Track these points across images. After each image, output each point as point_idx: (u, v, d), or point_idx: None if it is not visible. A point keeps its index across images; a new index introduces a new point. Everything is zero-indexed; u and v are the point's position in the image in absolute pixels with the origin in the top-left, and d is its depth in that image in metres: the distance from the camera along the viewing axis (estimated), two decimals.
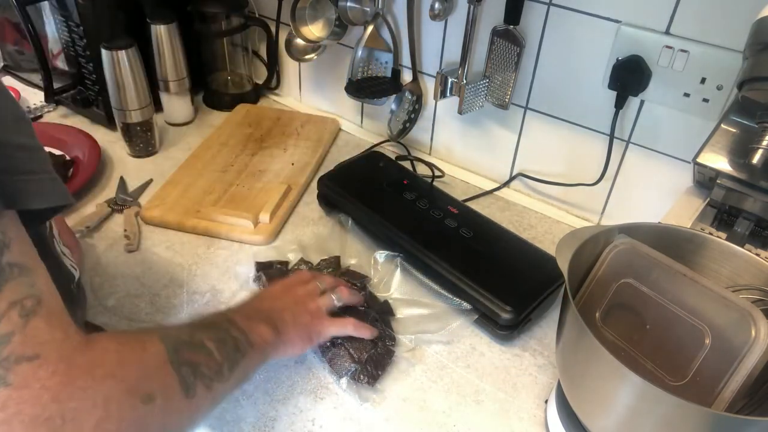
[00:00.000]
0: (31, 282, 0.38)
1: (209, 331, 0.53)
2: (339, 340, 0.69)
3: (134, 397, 0.41)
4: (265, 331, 0.59)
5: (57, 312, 0.39)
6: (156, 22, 1.01)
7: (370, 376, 0.67)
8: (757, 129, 0.61)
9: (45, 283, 0.39)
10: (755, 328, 0.49)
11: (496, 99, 0.92)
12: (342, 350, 0.69)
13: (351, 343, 0.69)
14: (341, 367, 0.68)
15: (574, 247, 0.56)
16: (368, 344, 0.69)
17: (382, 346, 0.70)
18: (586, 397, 0.54)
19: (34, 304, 0.37)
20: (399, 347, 0.72)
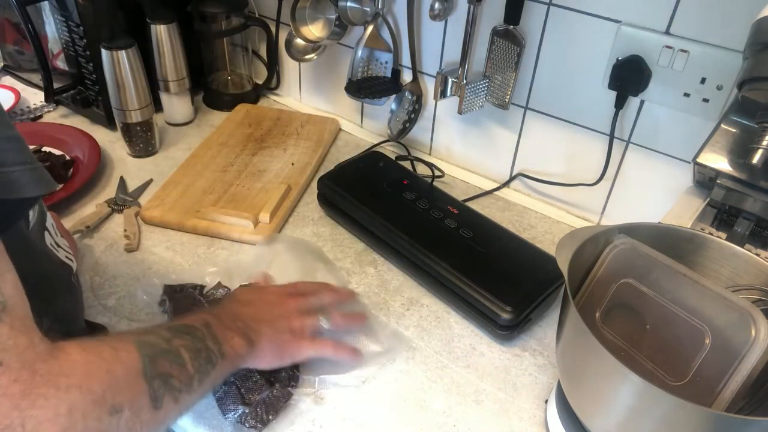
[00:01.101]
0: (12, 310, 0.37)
1: (186, 337, 0.52)
2: (231, 378, 0.63)
3: (100, 409, 0.40)
4: (238, 343, 0.58)
5: (21, 317, 0.38)
6: (156, 22, 1.01)
7: (259, 420, 0.61)
8: (757, 129, 0.61)
9: (11, 287, 0.39)
10: (755, 328, 0.49)
11: (496, 99, 0.92)
12: (233, 389, 0.63)
13: (243, 383, 0.63)
14: (227, 408, 0.62)
15: (574, 247, 0.56)
16: (264, 385, 0.63)
17: (279, 388, 0.64)
18: (586, 397, 0.54)
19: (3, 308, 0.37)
20: (301, 389, 0.66)
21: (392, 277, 0.83)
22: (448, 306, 0.79)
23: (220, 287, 0.76)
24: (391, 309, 0.78)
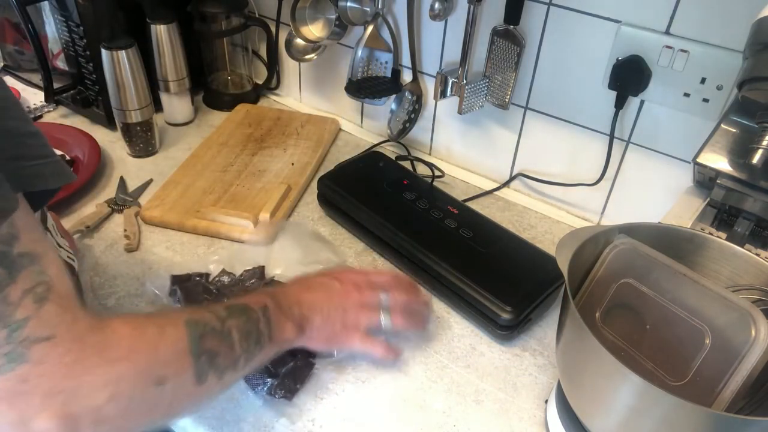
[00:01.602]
0: (41, 269, 0.39)
1: (242, 318, 0.54)
2: None
3: (146, 380, 0.43)
4: (290, 330, 0.59)
5: (66, 296, 0.41)
6: (156, 22, 1.01)
7: (288, 390, 0.65)
8: (757, 129, 0.61)
9: (55, 267, 0.41)
10: (755, 328, 0.49)
11: (496, 99, 0.92)
12: None
13: None
14: (257, 381, 0.65)
15: (574, 247, 0.56)
16: (287, 357, 0.65)
17: (301, 359, 0.67)
18: (586, 397, 0.54)
19: (45, 290, 0.39)
20: (321, 359, 0.69)
21: None
22: (448, 306, 0.79)
23: (225, 274, 0.78)
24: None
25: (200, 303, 0.73)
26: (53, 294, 0.39)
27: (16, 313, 0.37)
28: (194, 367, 0.47)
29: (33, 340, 0.37)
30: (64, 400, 0.38)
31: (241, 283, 0.77)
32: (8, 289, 0.37)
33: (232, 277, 0.78)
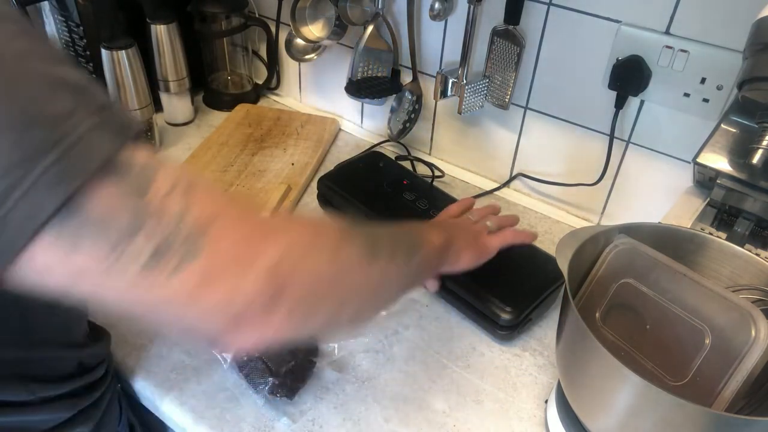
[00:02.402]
0: (174, 168, 0.37)
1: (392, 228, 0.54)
2: (256, 353, 0.67)
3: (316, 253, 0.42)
4: (436, 234, 0.60)
5: (211, 185, 0.40)
6: (156, 22, 1.01)
7: (289, 389, 0.65)
8: (757, 129, 0.61)
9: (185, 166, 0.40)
10: (755, 328, 0.49)
11: (496, 99, 0.92)
12: (260, 363, 0.66)
13: (269, 356, 0.66)
14: (257, 383, 0.65)
15: (574, 247, 0.56)
16: (287, 356, 0.67)
17: (302, 358, 0.68)
18: (586, 397, 0.54)
19: (189, 181, 0.37)
20: (322, 358, 0.70)
21: None
22: (448, 306, 0.79)
23: None
24: (391, 309, 0.78)
25: None
26: (197, 184, 0.37)
27: (171, 208, 0.35)
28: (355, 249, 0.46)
29: (200, 226, 0.35)
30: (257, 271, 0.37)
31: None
32: (150, 191, 0.34)
33: None
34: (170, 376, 0.67)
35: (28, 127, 0.30)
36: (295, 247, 0.40)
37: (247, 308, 0.37)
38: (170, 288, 0.34)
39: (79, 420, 0.57)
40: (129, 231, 0.33)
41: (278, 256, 0.38)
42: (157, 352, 0.70)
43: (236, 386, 0.67)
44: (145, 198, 0.34)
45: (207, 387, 0.66)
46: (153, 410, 0.68)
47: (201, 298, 0.36)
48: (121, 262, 0.33)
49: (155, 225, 0.34)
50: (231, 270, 0.36)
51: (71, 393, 0.56)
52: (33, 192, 0.30)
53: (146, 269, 0.33)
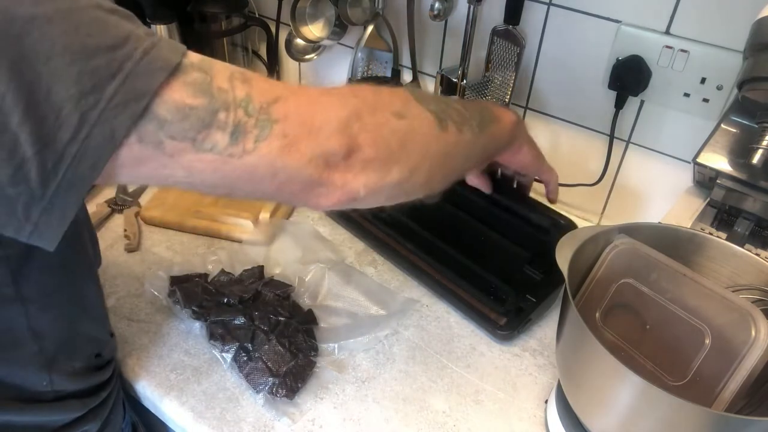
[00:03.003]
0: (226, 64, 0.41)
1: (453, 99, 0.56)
2: (257, 354, 0.67)
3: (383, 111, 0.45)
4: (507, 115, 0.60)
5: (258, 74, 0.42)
6: (156, 22, 1.01)
7: (289, 389, 0.65)
8: (757, 129, 0.61)
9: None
10: (755, 328, 0.49)
11: (496, 99, 0.92)
12: (259, 364, 0.66)
13: (269, 356, 0.67)
14: (258, 383, 0.65)
15: (574, 247, 0.56)
16: (287, 356, 0.67)
17: (302, 358, 0.68)
18: (586, 397, 0.54)
19: (244, 72, 0.41)
20: (322, 358, 0.70)
21: (392, 277, 0.83)
22: (448, 306, 0.79)
23: (223, 274, 0.78)
24: (392, 309, 0.78)
25: (200, 303, 0.73)
26: (251, 72, 0.41)
27: (237, 93, 0.38)
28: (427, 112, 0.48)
29: (269, 102, 0.39)
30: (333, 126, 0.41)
31: (241, 283, 0.77)
32: (213, 81, 0.38)
33: (231, 277, 0.78)
34: (170, 376, 0.67)
35: (91, 57, 0.33)
36: (363, 106, 0.43)
37: (327, 163, 0.41)
38: (257, 153, 0.38)
39: (89, 418, 0.59)
40: (207, 118, 0.37)
41: (346, 116, 0.42)
42: (157, 352, 0.70)
43: (236, 386, 0.67)
44: (211, 89, 0.38)
45: (207, 387, 0.66)
46: (153, 410, 0.68)
47: (286, 158, 0.39)
48: (208, 142, 0.37)
49: (228, 107, 0.38)
50: (305, 131, 0.40)
51: (82, 392, 0.58)
52: (106, 115, 0.33)
53: (233, 143, 0.38)
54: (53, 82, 0.32)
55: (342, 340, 0.71)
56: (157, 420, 0.69)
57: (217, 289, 0.75)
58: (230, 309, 0.73)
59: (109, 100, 0.33)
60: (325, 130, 0.41)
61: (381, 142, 0.44)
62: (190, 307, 0.73)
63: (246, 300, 0.74)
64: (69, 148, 0.33)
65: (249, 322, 0.71)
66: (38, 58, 0.32)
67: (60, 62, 0.32)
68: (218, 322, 0.70)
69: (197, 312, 0.72)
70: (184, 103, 0.36)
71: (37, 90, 0.32)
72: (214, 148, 0.37)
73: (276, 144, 0.39)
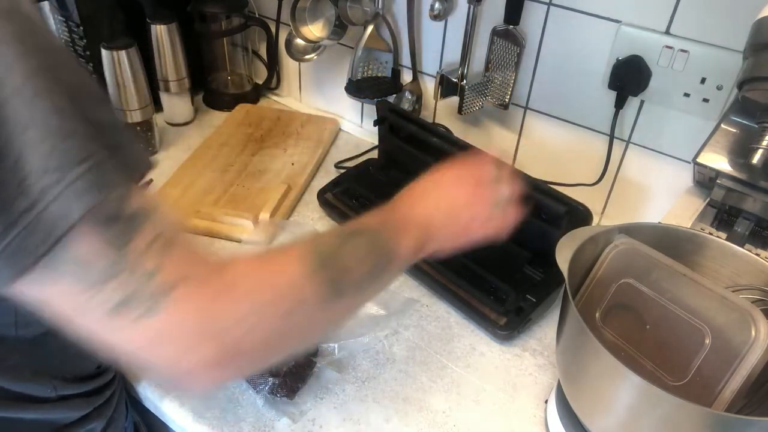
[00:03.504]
0: (158, 220, 0.40)
1: (362, 238, 0.53)
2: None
3: (272, 313, 0.44)
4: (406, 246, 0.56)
5: (189, 242, 0.42)
6: (156, 22, 1.01)
7: (290, 389, 0.65)
8: (757, 129, 0.61)
9: (171, 218, 0.42)
10: (755, 328, 0.49)
11: (496, 99, 0.92)
12: None
13: None
14: (258, 383, 0.65)
15: (574, 247, 0.56)
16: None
17: (302, 358, 0.67)
18: (586, 397, 0.54)
19: (168, 237, 0.40)
20: (322, 358, 0.69)
21: None
22: (448, 306, 0.79)
23: None
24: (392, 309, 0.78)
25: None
26: (176, 241, 0.40)
27: (146, 263, 0.38)
28: (317, 294, 0.47)
29: (170, 284, 0.38)
30: (207, 335, 0.40)
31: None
32: (132, 243, 0.38)
33: None
34: None
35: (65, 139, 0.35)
36: (251, 316, 0.42)
37: (192, 368, 0.40)
38: (129, 334, 0.38)
39: (93, 416, 0.60)
40: (104, 277, 0.36)
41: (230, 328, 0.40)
42: None
43: (236, 386, 0.67)
44: (125, 249, 0.37)
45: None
46: (154, 410, 0.68)
47: (154, 351, 0.39)
48: (93, 302, 0.37)
49: (127, 277, 0.37)
50: (184, 334, 0.39)
51: (88, 392, 0.59)
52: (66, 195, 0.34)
53: (113, 313, 0.37)
54: (24, 151, 0.33)
55: (342, 340, 0.71)
56: (157, 420, 0.69)
57: None
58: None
59: (71, 182, 0.34)
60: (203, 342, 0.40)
61: (261, 347, 0.44)
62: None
63: None
64: (23, 218, 0.34)
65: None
66: (17, 126, 0.33)
67: (35, 134, 0.34)
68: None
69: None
70: (90, 251, 0.36)
71: (8, 156, 0.33)
72: (96, 310, 0.37)
73: (151, 333, 0.38)
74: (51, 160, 0.34)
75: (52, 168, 0.34)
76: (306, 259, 0.47)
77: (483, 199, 0.60)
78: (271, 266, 0.46)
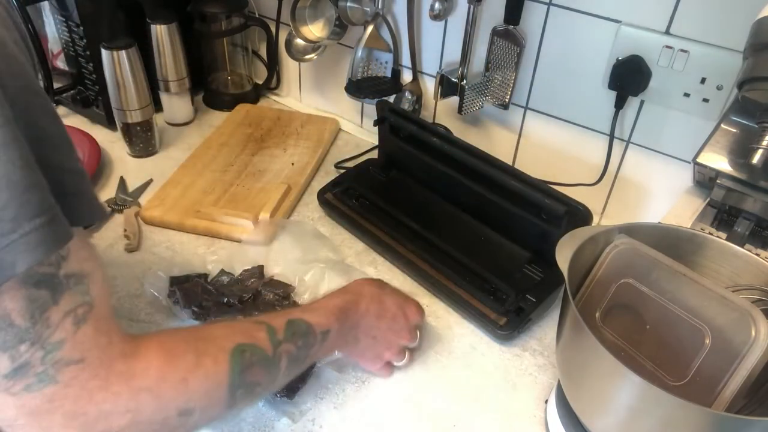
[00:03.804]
0: (85, 290, 0.41)
1: (298, 342, 0.54)
2: None
3: (169, 411, 0.44)
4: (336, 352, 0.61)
5: (105, 318, 0.42)
6: (156, 22, 1.01)
7: (289, 389, 0.64)
8: (757, 129, 0.61)
9: (98, 287, 0.42)
10: (755, 328, 0.49)
11: (496, 99, 0.92)
12: None
13: None
14: None
15: (574, 247, 0.56)
16: None
17: None
18: (586, 397, 0.54)
19: (86, 311, 0.41)
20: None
21: (392, 277, 0.83)
22: (448, 306, 0.79)
23: (224, 274, 0.78)
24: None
25: (200, 303, 0.73)
26: (92, 316, 0.41)
27: (54, 335, 0.39)
28: (227, 399, 0.47)
29: (65, 362, 0.39)
30: (83, 423, 0.40)
31: (241, 283, 0.77)
32: (50, 311, 0.38)
33: (231, 277, 0.78)
34: None
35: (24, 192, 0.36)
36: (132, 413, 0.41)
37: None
38: (12, 400, 0.38)
39: None
40: (6, 345, 0.37)
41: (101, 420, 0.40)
42: None
43: None
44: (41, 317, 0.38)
45: None
46: None
47: (25, 425, 0.39)
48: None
49: (30, 346, 0.38)
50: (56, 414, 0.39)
51: None
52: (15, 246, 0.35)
53: (6, 378, 0.38)
54: None
55: None
56: None
57: (217, 289, 0.75)
58: (230, 309, 0.72)
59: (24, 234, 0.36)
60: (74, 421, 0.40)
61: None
62: (190, 307, 0.72)
63: (246, 300, 0.74)
64: None
65: None
66: None
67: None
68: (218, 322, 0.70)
69: (197, 312, 0.72)
70: (9, 317, 0.37)
71: None
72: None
73: (36, 403, 0.39)
74: (7, 211, 0.35)
75: (8, 218, 0.35)
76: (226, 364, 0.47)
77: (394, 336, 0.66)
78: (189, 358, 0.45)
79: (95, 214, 0.44)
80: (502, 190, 0.78)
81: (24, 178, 0.36)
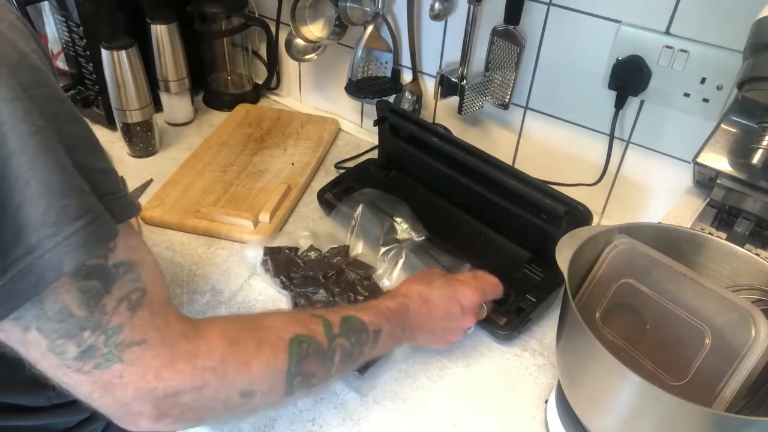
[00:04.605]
0: (136, 277, 0.43)
1: (351, 338, 0.55)
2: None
3: (232, 391, 0.46)
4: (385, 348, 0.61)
5: (160, 301, 0.44)
6: (156, 22, 1.01)
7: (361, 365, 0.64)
8: (757, 129, 0.61)
9: (150, 273, 0.44)
10: (755, 328, 0.49)
11: (496, 99, 0.92)
12: None
13: None
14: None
15: (574, 247, 0.56)
16: None
17: None
18: (586, 397, 0.54)
19: (140, 296, 0.43)
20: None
21: None
22: None
23: (312, 249, 0.83)
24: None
25: (288, 275, 0.77)
26: (146, 300, 0.43)
27: (112, 321, 0.41)
28: (285, 387, 0.49)
29: (127, 344, 0.41)
30: (154, 398, 0.42)
31: (327, 260, 0.80)
32: (104, 299, 0.41)
33: (319, 253, 0.82)
34: None
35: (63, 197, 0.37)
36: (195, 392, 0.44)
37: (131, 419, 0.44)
38: (83, 380, 0.41)
39: (94, 417, 0.61)
40: (72, 331, 0.40)
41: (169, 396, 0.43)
42: None
43: None
44: (95, 306, 0.40)
45: None
46: None
47: (101, 398, 0.42)
48: (57, 350, 0.40)
49: (91, 333, 0.40)
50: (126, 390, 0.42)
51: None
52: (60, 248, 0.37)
53: (73, 361, 0.41)
54: (24, 204, 0.36)
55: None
56: None
57: (305, 263, 0.80)
58: (315, 282, 0.77)
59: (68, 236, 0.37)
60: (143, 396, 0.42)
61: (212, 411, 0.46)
62: (279, 277, 0.77)
63: (329, 276, 0.78)
64: (18, 263, 0.37)
65: (330, 297, 0.75)
66: (18, 181, 0.36)
67: (36, 190, 0.36)
68: (302, 294, 0.76)
69: (284, 282, 0.77)
70: (68, 309, 0.39)
71: (9, 206, 0.36)
72: (62, 356, 0.40)
73: (102, 382, 0.41)
74: (49, 216, 0.37)
75: (50, 222, 0.37)
76: (285, 353, 0.48)
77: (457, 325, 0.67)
78: (251, 345, 0.47)
79: (132, 210, 0.45)
80: (502, 190, 0.78)
81: (62, 184, 0.37)
